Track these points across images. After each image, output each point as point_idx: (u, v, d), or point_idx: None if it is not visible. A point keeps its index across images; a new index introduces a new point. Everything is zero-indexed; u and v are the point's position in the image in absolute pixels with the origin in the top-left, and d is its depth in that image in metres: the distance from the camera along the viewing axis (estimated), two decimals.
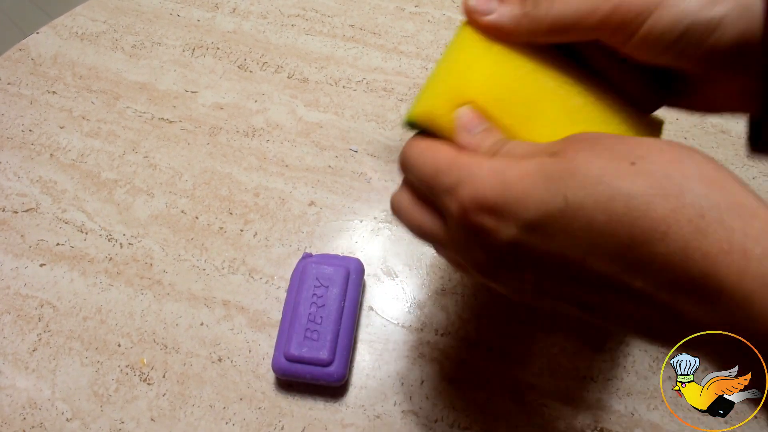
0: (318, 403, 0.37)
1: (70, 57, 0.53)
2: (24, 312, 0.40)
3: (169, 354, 0.38)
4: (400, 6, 0.56)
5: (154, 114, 0.49)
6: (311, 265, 0.38)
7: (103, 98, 0.51)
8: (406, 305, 0.40)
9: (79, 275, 0.42)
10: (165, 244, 0.43)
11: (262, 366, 0.38)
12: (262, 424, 0.36)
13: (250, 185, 0.45)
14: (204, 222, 0.44)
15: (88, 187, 0.46)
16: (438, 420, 0.36)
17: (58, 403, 0.37)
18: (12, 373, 0.38)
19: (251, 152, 0.47)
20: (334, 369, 0.35)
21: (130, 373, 0.38)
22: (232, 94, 0.50)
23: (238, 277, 0.41)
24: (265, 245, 0.43)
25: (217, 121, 0.49)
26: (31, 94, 0.51)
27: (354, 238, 0.43)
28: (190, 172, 0.46)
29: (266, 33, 0.54)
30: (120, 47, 0.54)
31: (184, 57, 0.53)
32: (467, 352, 0.38)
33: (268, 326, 0.39)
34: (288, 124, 0.48)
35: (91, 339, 0.39)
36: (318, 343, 0.35)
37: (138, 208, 0.45)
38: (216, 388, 0.37)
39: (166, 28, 0.55)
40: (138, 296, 0.41)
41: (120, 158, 0.47)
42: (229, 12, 0.56)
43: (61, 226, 0.44)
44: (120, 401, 0.37)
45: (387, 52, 0.53)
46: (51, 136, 0.49)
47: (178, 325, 0.40)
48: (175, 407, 0.37)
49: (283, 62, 0.52)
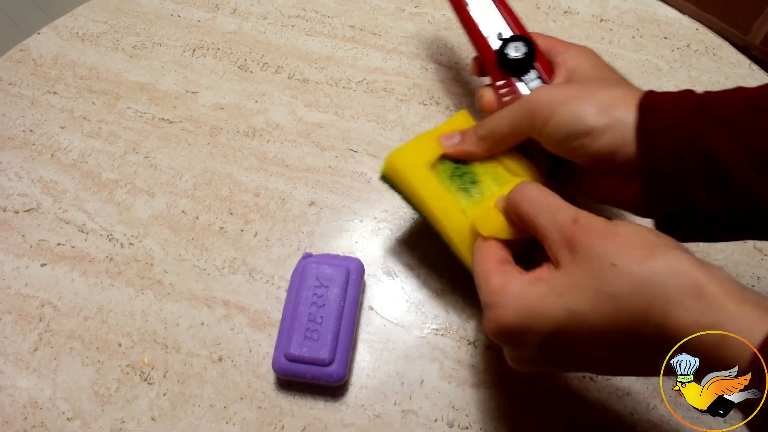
0: (318, 403, 0.37)
1: (71, 57, 0.53)
2: (25, 312, 0.41)
3: (169, 354, 0.39)
4: (400, 7, 0.56)
5: (155, 114, 0.50)
6: (311, 265, 0.38)
7: (103, 99, 0.51)
8: (406, 305, 0.40)
9: (79, 275, 0.42)
10: (165, 244, 0.43)
11: (263, 366, 0.38)
12: (262, 424, 0.36)
13: (251, 185, 0.45)
14: (204, 222, 0.44)
15: (88, 187, 0.46)
16: (438, 420, 0.36)
17: (59, 403, 0.37)
18: (13, 373, 0.38)
19: (252, 152, 0.47)
20: (334, 369, 0.35)
21: (131, 372, 0.38)
22: (233, 94, 0.50)
23: (238, 277, 0.41)
24: (265, 245, 0.43)
25: (217, 121, 0.49)
26: (32, 95, 0.51)
27: (354, 238, 0.43)
28: (191, 172, 0.46)
29: (267, 33, 0.54)
30: (121, 48, 0.54)
31: (184, 57, 0.53)
32: (467, 352, 0.38)
33: (268, 326, 0.39)
34: (288, 125, 0.49)
35: (92, 339, 0.39)
36: (318, 343, 0.35)
37: (139, 208, 0.45)
38: (216, 387, 0.37)
39: (167, 28, 0.55)
40: (139, 296, 0.41)
41: (121, 158, 0.47)
42: (229, 13, 0.56)
43: (62, 226, 0.44)
44: (121, 401, 0.37)
45: (387, 52, 0.53)
46: (52, 136, 0.49)
47: (178, 324, 0.40)
48: (176, 407, 0.37)
49: (284, 63, 0.52)
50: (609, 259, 0.23)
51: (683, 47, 0.52)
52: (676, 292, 0.22)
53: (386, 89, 0.50)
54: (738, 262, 0.41)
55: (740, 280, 0.40)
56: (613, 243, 0.24)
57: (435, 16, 0.55)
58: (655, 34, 0.53)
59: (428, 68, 0.51)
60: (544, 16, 0.55)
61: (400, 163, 0.35)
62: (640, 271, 0.22)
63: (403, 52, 0.53)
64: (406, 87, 0.50)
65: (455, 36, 0.53)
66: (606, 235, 0.24)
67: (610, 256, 0.23)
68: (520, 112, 0.32)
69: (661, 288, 0.22)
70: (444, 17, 0.55)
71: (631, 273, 0.23)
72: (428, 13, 0.55)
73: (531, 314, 0.25)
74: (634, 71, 0.51)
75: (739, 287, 0.22)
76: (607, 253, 0.23)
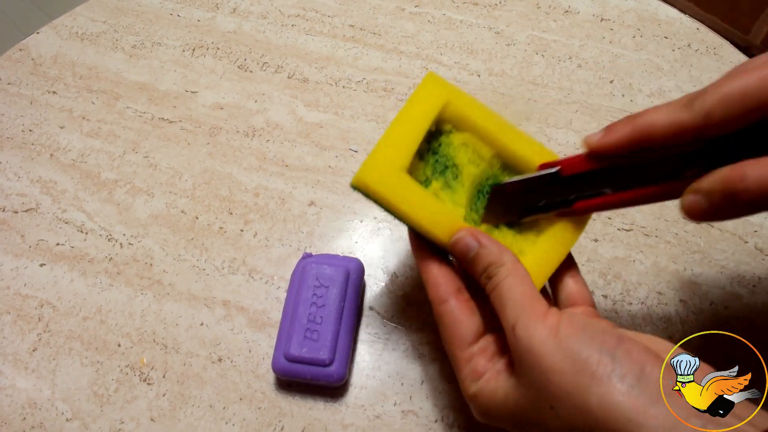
0: (318, 403, 0.37)
1: (71, 57, 0.53)
2: (24, 312, 0.40)
3: (169, 354, 0.38)
4: (400, 6, 0.56)
5: (154, 114, 0.49)
6: (311, 265, 0.38)
7: (103, 98, 0.51)
8: (405, 305, 0.40)
9: (79, 275, 0.42)
10: (165, 244, 0.43)
11: (262, 366, 0.38)
12: (262, 424, 0.36)
13: (250, 185, 0.45)
14: (204, 222, 0.44)
15: (88, 187, 0.46)
16: (438, 420, 0.36)
17: (58, 403, 0.37)
18: (12, 373, 0.38)
19: (251, 152, 0.47)
20: (334, 369, 0.35)
21: (130, 373, 0.38)
22: (232, 94, 0.50)
23: (238, 277, 0.41)
24: (265, 245, 0.43)
25: (217, 121, 0.49)
26: (32, 94, 0.51)
27: (354, 238, 0.43)
28: (190, 172, 0.46)
29: (266, 33, 0.54)
30: (120, 47, 0.54)
31: (184, 57, 0.53)
32: None
33: (268, 326, 0.39)
34: (288, 124, 0.48)
35: (91, 339, 0.39)
36: (318, 343, 0.35)
37: (138, 208, 0.45)
38: (216, 388, 0.37)
39: (167, 28, 0.55)
40: (138, 296, 0.41)
41: (120, 158, 0.47)
42: (229, 12, 0.56)
43: (61, 226, 0.44)
44: (120, 401, 0.37)
45: (387, 52, 0.52)
46: (51, 136, 0.48)
47: (178, 325, 0.39)
48: (175, 407, 0.37)
49: (283, 62, 0.52)
50: (548, 401, 0.23)
51: (684, 47, 0.52)
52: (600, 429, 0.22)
53: (386, 89, 0.50)
54: (739, 262, 0.41)
55: (741, 280, 0.40)
56: (547, 380, 0.23)
57: (435, 16, 0.55)
58: (655, 33, 0.53)
59: (428, 67, 0.51)
60: (544, 15, 0.55)
61: (372, 179, 0.29)
62: (571, 418, 0.23)
63: (403, 52, 0.52)
64: (406, 87, 0.50)
65: (455, 36, 0.53)
66: (542, 368, 0.24)
67: (547, 398, 0.23)
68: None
69: (591, 428, 0.22)
70: (444, 17, 0.55)
71: (562, 417, 0.23)
72: (428, 13, 0.55)
73: (495, 420, 0.27)
74: (634, 71, 0.50)
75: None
76: (544, 391, 0.24)
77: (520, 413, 0.25)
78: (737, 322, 0.39)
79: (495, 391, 0.26)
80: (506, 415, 0.26)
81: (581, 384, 0.22)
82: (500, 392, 0.26)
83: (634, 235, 0.42)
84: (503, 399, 0.26)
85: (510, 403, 0.25)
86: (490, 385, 0.26)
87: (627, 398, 0.21)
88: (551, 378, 0.23)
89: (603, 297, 0.40)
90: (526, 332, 0.24)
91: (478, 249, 0.28)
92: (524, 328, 0.25)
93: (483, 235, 0.29)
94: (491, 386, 0.26)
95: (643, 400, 0.21)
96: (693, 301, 0.40)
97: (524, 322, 0.25)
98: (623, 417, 0.21)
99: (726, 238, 0.42)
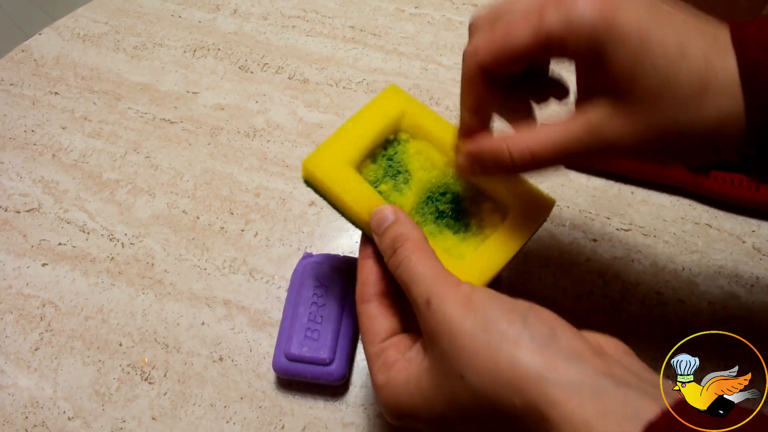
0: (318, 402, 0.37)
1: (72, 58, 0.53)
2: (26, 311, 0.41)
3: (170, 353, 0.39)
4: (399, 7, 0.56)
5: (156, 114, 0.50)
6: (312, 264, 0.38)
7: (104, 99, 0.51)
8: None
9: (80, 275, 0.42)
10: (166, 244, 0.43)
11: (263, 365, 0.38)
12: (262, 423, 0.36)
13: (251, 185, 0.46)
14: (205, 222, 0.44)
15: (89, 187, 0.46)
16: None
17: (60, 402, 0.37)
18: (14, 372, 0.38)
19: (252, 152, 0.47)
20: (335, 368, 0.35)
21: (132, 372, 0.38)
22: (233, 94, 0.51)
23: (238, 277, 0.41)
24: (265, 245, 0.43)
25: (218, 121, 0.49)
26: (34, 95, 0.51)
27: (354, 237, 0.43)
28: (191, 172, 0.46)
29: (267, 34, 0.54)
30: (122, 48, 0.54)
31: (185, 58, 0.53)
32: None
33: (268, 326, 0.39)
34: (288, 125, 0.49)
35: (93, 338, 0.39)
36: (318, 343, 0.35)
37: (139, 208, 0.45)
38: (217, 387, 0.37)
39: (168, 29, 0.55)
40: (139, 296, 0.41)
41: (121, 158, 0.47)
42: (230, 13, 0.56)
43: (62, 226, 0.44)
44: (121, 400, 0.37)
45: (387, 53, 0.53)
46: (53, 136, 0.49)
47: (179, 324, 0.40)
48: (176, 406, 0.37)
49: (284, 63, 0.52)
50: (458, 370, 0.23)
51: None
52: (521, 411, 0.22)
53: None
54: (737, 262, 0.41)
55: (739, 280, 0.40)
56: (458, 346, 0.23)
57: (435, 17, 0.55)
58: None
59: (428, 68, 0.52)
60: None
61: (317, 167, 0.30)
62: (482, 385, 0.22)
63: (403, 53, 0.53)
64: (406, 87, 0.50)
65: (455, 36, 0.54)
66: (453, 334, 0.24)
67: (457, 366, 0.23)
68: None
69: (505, 404, 0.22)
70: (443, 18, 0.55)
71: (475, 387, 0.23)
72: (428, 14, 0.55)
73: (408, 416, 0.26)
74: None
75: (593, 392, 0.21)
76: (454, 360, 0.23)
77: (431, 397, 0.24)
78: (735, 321, 0.39)
79: (407, 380, 0.26)
80: (417, 404, 0.25)
81: (491, 343, 0.22)
82: (412, 379, 0.25)
83: (632, 235, 0.42)
84: (415, 386, 0.25)
85: (423, 387, 0.25)
86: (402, 375, 0.26)
87: (537, 355, 0.21)
88: (462, 342, 0.23)
89: (602, 297, 0.40)
90: (441, 302, 0.24)
91: (392, 221, 0.28)
92: (439, 298, 0.24)
93: (403, 213, 0.28)
94: (402, 375, 0.26)
95: (554, 357, 0.21)
96: (691, 300, 0.40)
97: (440, 293, 0.25)
98: (534, 373, 0.21)
99: (724, 238, 0.42)
